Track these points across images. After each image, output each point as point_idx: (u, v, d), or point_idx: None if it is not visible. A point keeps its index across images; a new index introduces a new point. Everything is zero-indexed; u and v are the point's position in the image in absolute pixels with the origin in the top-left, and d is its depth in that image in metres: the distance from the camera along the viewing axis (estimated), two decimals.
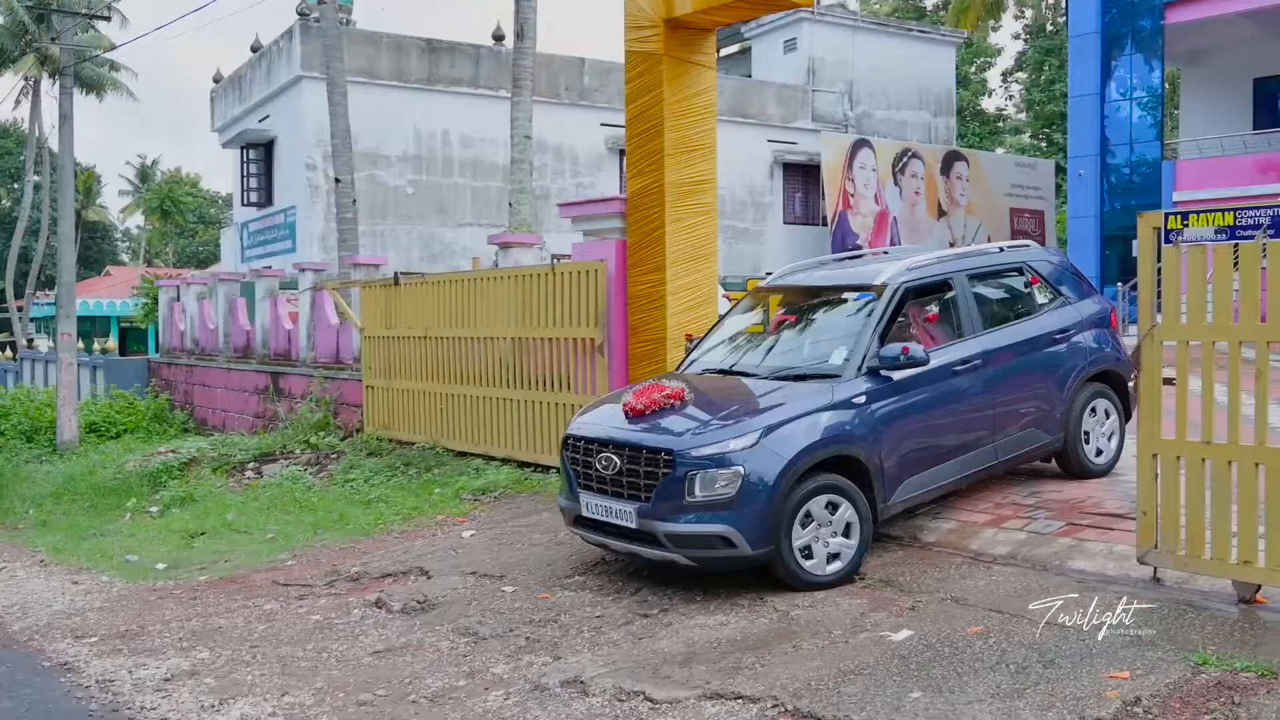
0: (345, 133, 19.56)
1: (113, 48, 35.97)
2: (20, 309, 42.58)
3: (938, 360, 7.21)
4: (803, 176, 29.68)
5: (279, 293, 19.32)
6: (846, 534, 6.67)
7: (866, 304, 7.35)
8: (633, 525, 6.71)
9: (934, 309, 7.78)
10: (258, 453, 14.77)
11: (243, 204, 27.91)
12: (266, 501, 12.23)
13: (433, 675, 5.94)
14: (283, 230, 25.64)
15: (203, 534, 11.31)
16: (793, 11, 27.58)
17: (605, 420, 7.29)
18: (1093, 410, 8.18)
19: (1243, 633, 5.25)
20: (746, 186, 28.93)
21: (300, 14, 24.07)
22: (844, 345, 7.16)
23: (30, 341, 40.48)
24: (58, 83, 22.64)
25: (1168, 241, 5.76)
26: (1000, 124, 49.22)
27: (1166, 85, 28.38)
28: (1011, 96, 49.67)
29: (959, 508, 7.75)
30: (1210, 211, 5.69)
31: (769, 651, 5.65)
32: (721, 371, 7.79)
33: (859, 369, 6.92)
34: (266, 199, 26.79)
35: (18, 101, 40.14)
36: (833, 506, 6.63)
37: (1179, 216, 5.76)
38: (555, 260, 12.05)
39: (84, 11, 26.35)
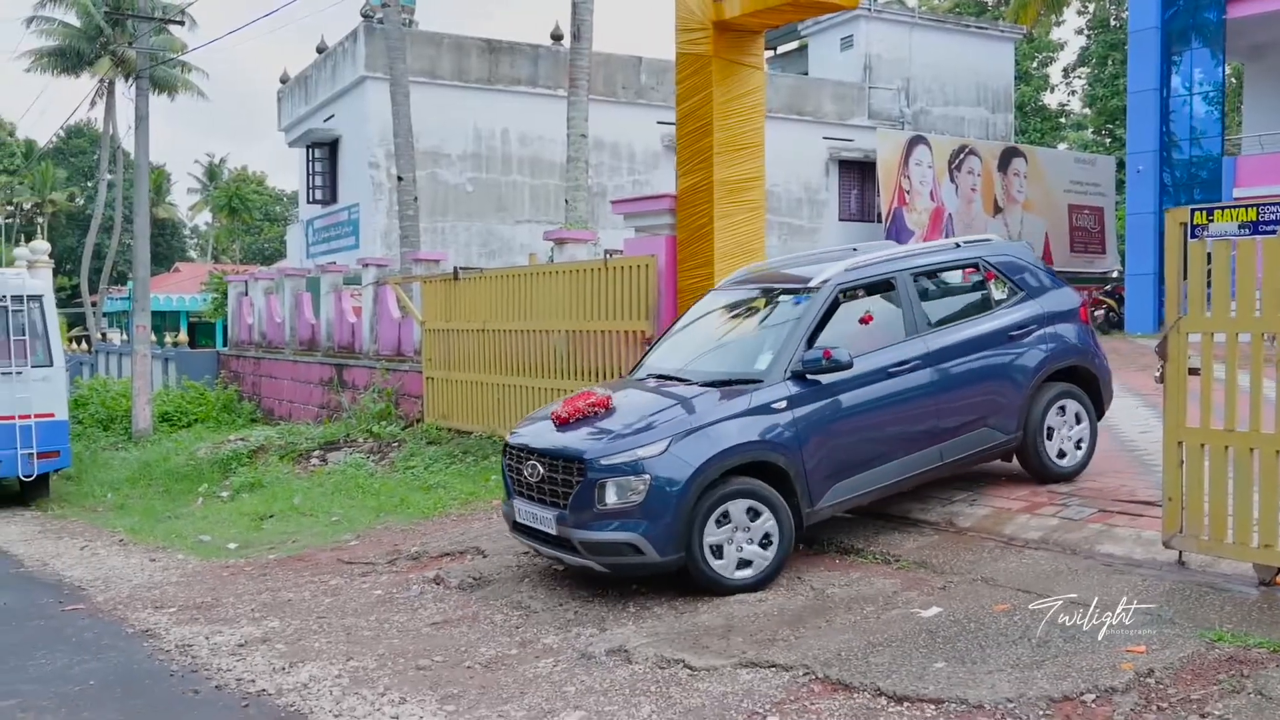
0: (407, 132, 20.07)
1: (185, 50, 37.02)
2: (94, 304, 43.86)
3: (872, 362, 7.14)
4: (859, 173, 29.76)
5: (343, 287, 19.89)
6: (765, 540, 6.67)
7: (800, 307, 7.29)
8: (553, 532, 6.83)
9: (873, 309, 7.62)
10: (322, 441, 15.31)
11: (308, 201, 28.64)
12: (331, 487, 12.74)
13: (487, 644, 6.32)
14: (347, 227, 26.30)
15: (271, 516, 11.84)
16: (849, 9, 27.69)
17: (537, 428, 7.45)
18: (1060, 409, 7.93)
19: (1260, 613, 5.44)
20: (802, 184, 29.09)
21: (364, 16, 24.68)
22: (770, 350, 7.12)
23: (103, 335, 41.77)
24: (132, 84, 23.41)
25: (1193, 236, 5.96)
26: (1062, 119, 48.75)
27: (1231, 80, 28.01)
28: (1074, 92, 49.16)
29: (994, 495, 7.97)
30: (1235, 207, 5.88)
31: (803, 625, 5.96)
32: (661, 376, 7.70)
33: (784, 373, 6.90)
34: (331, 197, 27.47)
35: (93, 103, 41.34)
36: (753, 513, 6.64)
37: (1204, 212, 5.96)
38: (608, 256, 12.40)
39: (158, 17, 27.23)
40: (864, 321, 7.47)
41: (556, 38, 25.80)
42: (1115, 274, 30.01)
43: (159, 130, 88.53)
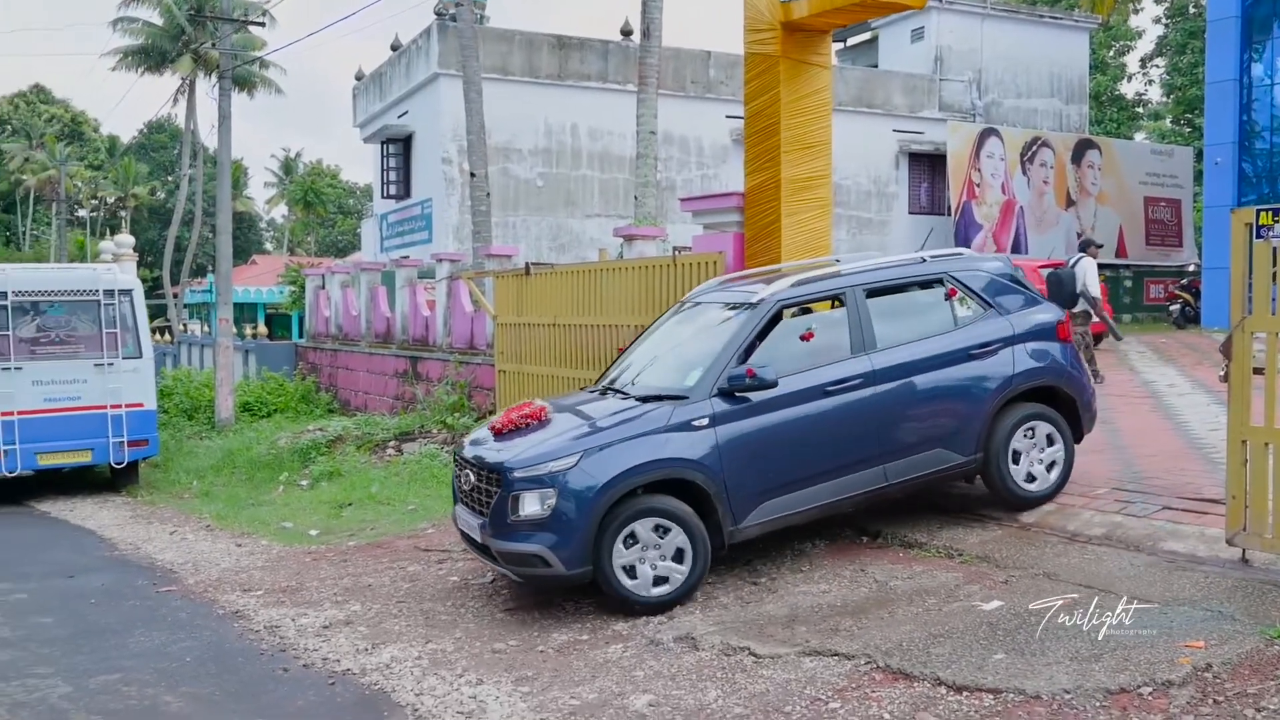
0: (480, 128, 20.43)
1: (263, 49, 37.91)
2: (175, 296, 45.08)
3: (808, 380, 7.04)
4: (929, 166, 29.60)
5: (417, 281, 20.32)
6: (679, 558, 6.66)
7: (737, 323, 7.23)
8: (479, 539, 6.97)
9: (818, 326, 7.52)
10: (398, 432, 15.71)
11: (382, 196, 29.22)
12: (407, 476, 13.11)
13: (559, 630, 6.58)
14: (420, 221, 26.81)
15: (349, 505, 12.23)
16: None
17: (477, 436, 7.66)
18: (1029, 432, 7.58)
19: None
20: (871, 177, 29.01)
21: (438, 14, 25.12)
22: (701, 367, 7.07)
23: (184, 327, 42.94)
24: (214, 82, 24.10)
25: (1259, 237, 6.00)
26: (1139, 109, 47.84)
27: None
28: (1152, 81, 48.19)
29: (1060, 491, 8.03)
30: None
31: (866, 616, 6.12)
32: (609, 388, 7.73)
33: (710, 390, 6.84)
34: (405, 191, 28.01)
35: (175, 100, 42.45)
36: (661, 529, 6.62)
37: (1270, 213, 6.00)
38: (676, 252, 12.58)
39: (240, 18, 27.96)
40: (805, 338, 7.35)
41: (626, 33, 26.02)
42: (1192, 268, 29.49)
43: (236, 125, 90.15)
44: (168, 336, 39.85)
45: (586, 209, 26.33)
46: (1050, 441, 7.67)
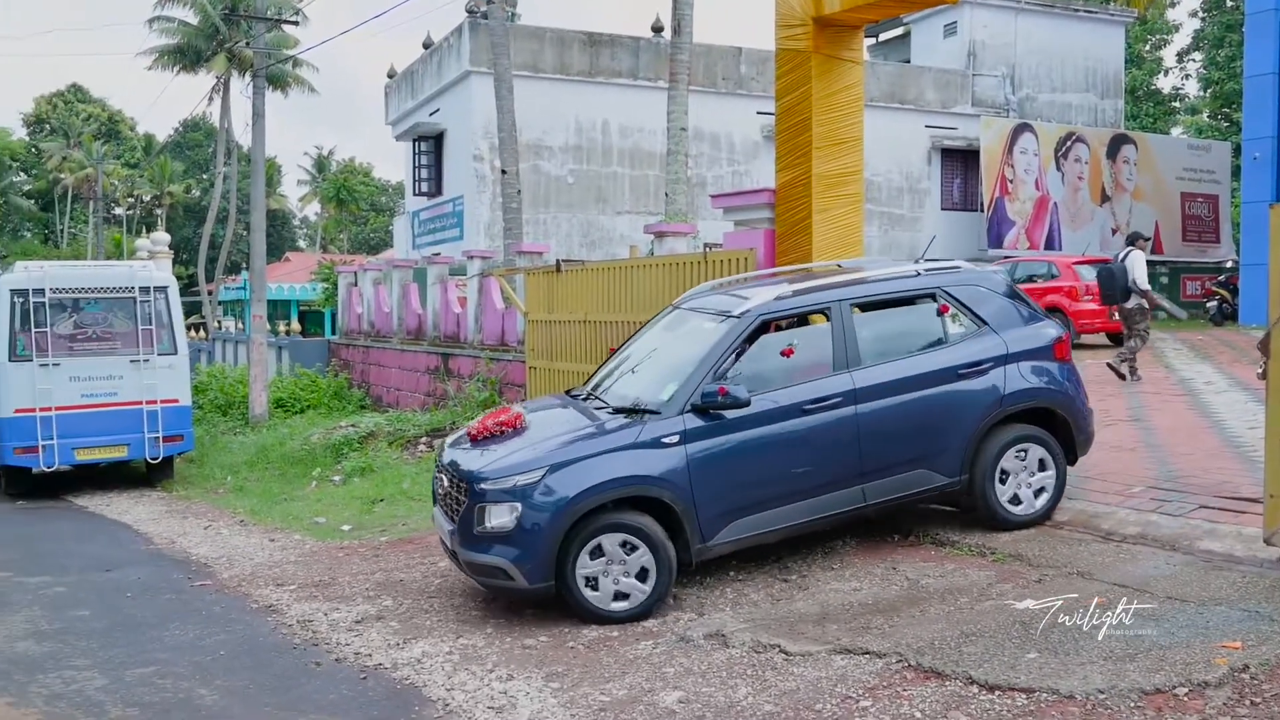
0: (511, 125, 20.50)
1: (296, 47, 38.17)
2: (210, 292, 45.50)
3: (786, 398, 6.89)
4: (961, 162, 29.42)
5: (448, 278, 20.42)
6: (641, 573, 6.56)
7: (715, 337, 7.09)
8: (449, 545, 7.01)
9: (801, 341, 7.32)
10: (429, 428, 15.79)
11: (414, 193, 29.37)
12: None
13: (589, 627, 6.58)
14: (451, 219, 26.93)
15: (382, 500, 12.31)
16: None
17: (455, 439, 7.64)
18: (1020, 454, 7.36)
19: None
20: (903, 173, 28.87)
21: (469, 11, 25.21)
22: (676, 381, 6.92)
23: (219, 323, 43.35)
24: (249, 81, 24.30)
25: None
26: (1176, 104, 47.30)
27: None
28: (1189, 75, 47.64)
29: (1094, 490, 7.96)
30: None
31: (898, 614, 6.09)
32: (590, 396, 7.62)
33: (683, 407, 6.72)
34: (436, 189, 28.15)
35: (210, 99, 42.81)
36: (628, 546, 6.53)
37: None
38: (707, 249, 12.57)
39: (274, 17, 28.17)
40: (785, 354, 7.15)
41: (657, 30, 26.01)
42: (1230, 264, 29.14)
43: (270, 123, 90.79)
44: (202, 333, 40.25)
45: (617, 206, 26.35)
46: (1042, 466, 7.44)
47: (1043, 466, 7.44)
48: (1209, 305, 24.49)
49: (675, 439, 6.66)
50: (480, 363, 17.57)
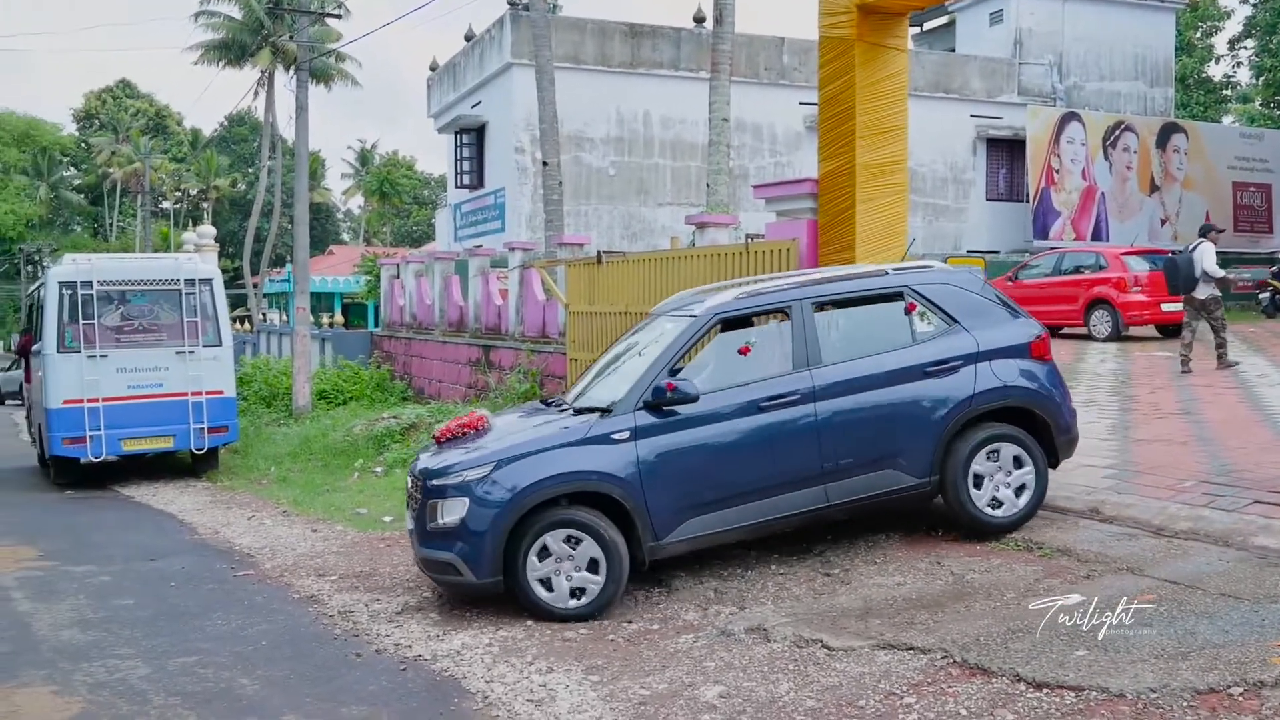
0: (552, 117, 20.47)
1: (339, 40, 38.41)
2: (255, 285, 45.95)
3: (742, 395, 6.88)
4: (1007, 152, 29.04)
5: (490, 271, 20.44)
6: (593, 568, 6.56)
7: (671, 336, 7.15)
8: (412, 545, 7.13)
9: (760, 340, 7.34)
10: None
11: (456, 186, 29.46)
12: None
13: (629, 619, 6.55)
14: (493, 211, 26.98)
15: None
16: None
17: (427, 446, 7.69)
18: (992, 454, 7.18)
19: None
20: (948, 163, 28.55)
21: (510, 4, 25.22)
22: (630, 380, 6.99)
23: (264, 316, 43.77)
24: (293, 75, 24.47)
25: None
26: (1227, 92, 46.44)
27: None
28: (1240, 63, 46.72)
29: (1144, 484, 7.81)
30: None
31: (942, 610, 5.99)
32: (560, 404, 7.61)
33: (635, 404, 6.77)
34: (478, 181, 28.21)
35: (255, 93, 43.21)
36: (573, 540, 6.57)
37: None
38: (749, 240, 12.48)
39: (318, 10, 28.35)
40: (742, 353, 7.18)
41: (699, 20, 25.89)
42: None
43: (314, 117, 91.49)
44: (247, 325, 40.67)
45: (659, 197, 26.28)
46: (1018, 464, 7.24)
47: (1019, 464, 7.25)
48: (1261, 297, 24.03)
49: (625, 435, 6.70)
50: (521, 355, 17.57)
